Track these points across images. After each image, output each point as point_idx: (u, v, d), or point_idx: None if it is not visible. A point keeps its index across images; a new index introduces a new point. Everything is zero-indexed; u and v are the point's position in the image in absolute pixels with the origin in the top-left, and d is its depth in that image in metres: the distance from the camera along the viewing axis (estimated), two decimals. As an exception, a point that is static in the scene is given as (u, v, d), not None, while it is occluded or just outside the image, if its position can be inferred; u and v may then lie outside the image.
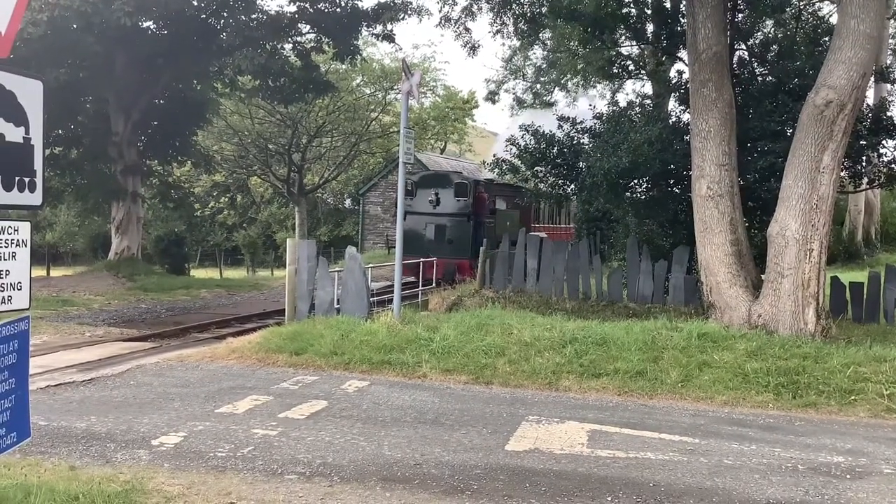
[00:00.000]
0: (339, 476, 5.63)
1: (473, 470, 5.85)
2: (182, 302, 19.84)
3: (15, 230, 3.95)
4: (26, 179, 3.99)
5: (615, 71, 20.80)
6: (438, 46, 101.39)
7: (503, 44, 38.98)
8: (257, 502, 5.02)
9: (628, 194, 16.83)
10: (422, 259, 20.09)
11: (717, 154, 11.85)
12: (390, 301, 12.10)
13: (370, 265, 15.65)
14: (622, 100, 18.33)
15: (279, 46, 24.56)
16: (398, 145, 12.12)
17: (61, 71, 20.76)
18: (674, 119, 16.82)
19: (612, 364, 9.28)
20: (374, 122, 43.20)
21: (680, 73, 18.20)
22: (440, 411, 7.70)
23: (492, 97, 35.51)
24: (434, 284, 19.46)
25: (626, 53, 22.45)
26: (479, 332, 10.37)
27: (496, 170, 18.35)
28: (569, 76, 31.50)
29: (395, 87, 39.34)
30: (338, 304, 12.19)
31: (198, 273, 33.24)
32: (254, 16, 23.43)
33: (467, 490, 5.42)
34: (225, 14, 22.85)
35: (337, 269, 12.64)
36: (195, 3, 22.14)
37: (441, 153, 48.37)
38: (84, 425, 6.75)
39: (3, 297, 3.91)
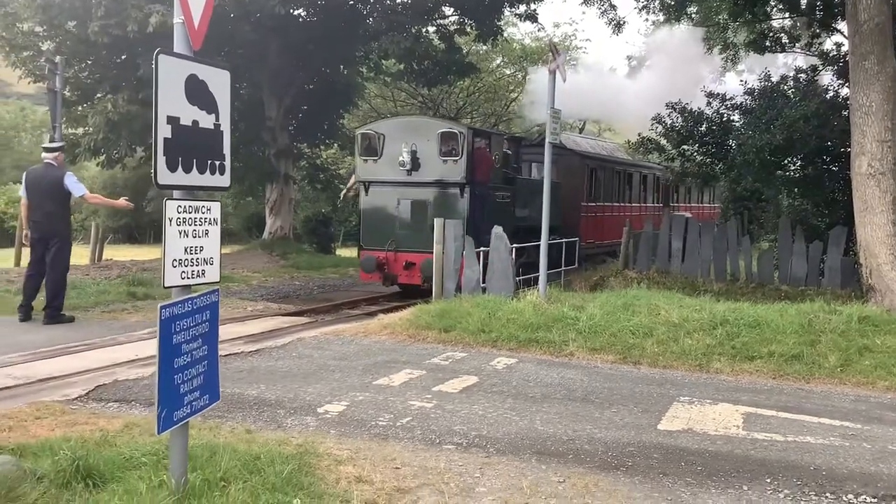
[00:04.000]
0: (494, 448, 5.82)
1: (626, 447, 5.92)
2: (332, 279, 20.65)
3: (208, 209, 4.31)
4: (217, 163, 4.35)
5: (767, 44, 20.03)
6: (580, 24, 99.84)
7: (646, 19, 38.13)
8: (420, 468, 5.27)
9: (780, 172, 16.29)
10: (384, 253, 15.39)
11: (879, 130, 11.29)
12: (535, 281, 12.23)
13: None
14: (773, 74, 17.50)
15: (423, 30, 24.98)
16: (537, 126, 12.17)
17: (219, 59, 21.91)
18: (831, 94, 16.12)
19: (766, 347, 9.07)
20: (513, 103, 43.19)
21: (838, 45, 17.39)
22: (589, 389, 7.77)
23: (634, 75, 34.91)
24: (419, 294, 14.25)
25: (777, 26, 21.53)
26: (625, 312, 10.34)
27: (640, 149, 18.12)
28: (716, 51, 30.46)
29: (536, 66, 39.16)
30: (483, 282, 12.43)
31: (343, 252, 34.33)
32: (399, 0, 23.93)
33: (622, 466, 5.49)
34: (372, 0, 23.45)
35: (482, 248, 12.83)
36: (344, -10, 22.82)
37: (580, 132, 47.84)
38: (255, 393, 7.23)
39: (198, 272, 4.28)
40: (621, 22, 18.32)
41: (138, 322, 11.42)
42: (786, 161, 15.88)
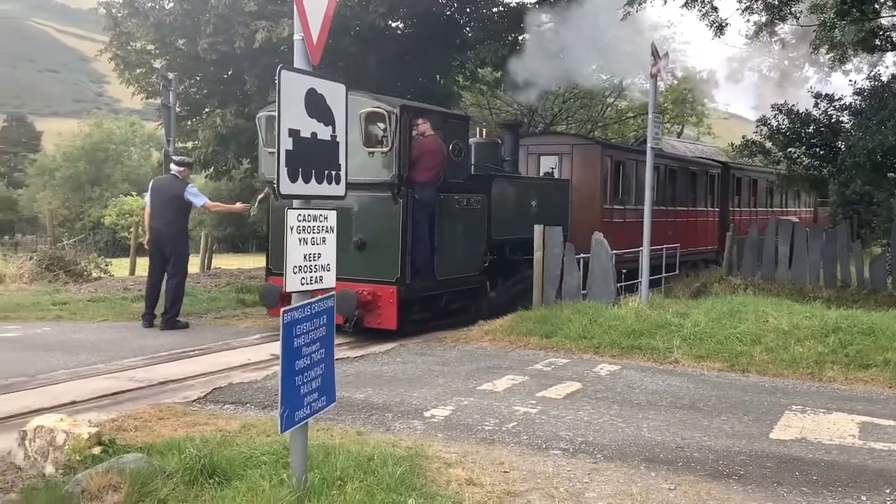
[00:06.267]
0: (601, 454, 5.82)
1: (737, 456, 5.83)
2: (430, 287, 20.84)
3: (325, 218, 4.47)
4: (333, 173, 4.51)
5: (876, 43, 19.33)
6: (678, 27, 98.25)
7: (747, 20, 36.90)
8: (528, 472, 5.32)
9: (892, 175, 15.73)
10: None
11: None
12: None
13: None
14: (882, 73, 16.88)
15: (520, 37, 25.00)
16: (634, 131, 12.05)
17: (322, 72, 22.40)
18: (948, 92, 15.46)
19: (882, 355, 8.76)
20: (609, 109, 42.77)
21: (954, 41, 16.66)
22: (696, 397, 7.67)
23: (734, 77, 34.09)
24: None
25: (887, 24, 20.76)
26: (731, 319, 10.15)
27: (745, 152, 17.72)
28: (822, 50, 29.51)
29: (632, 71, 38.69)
30: (583, 289, 12.37)
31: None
32: (495, 9, 24.04)
33: (734, 475, 5.41)
34: (468, 10, 23.63)
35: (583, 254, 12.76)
36: (441, 1, 23.06)
37: (678, 137, 46.99)
38: (363, 396, 7.41)
39: (316, 277, 4.44)
40: (723, 24, 17.93)
41: (248, 328, 11.81)
42: (899, 163, 15.31)
